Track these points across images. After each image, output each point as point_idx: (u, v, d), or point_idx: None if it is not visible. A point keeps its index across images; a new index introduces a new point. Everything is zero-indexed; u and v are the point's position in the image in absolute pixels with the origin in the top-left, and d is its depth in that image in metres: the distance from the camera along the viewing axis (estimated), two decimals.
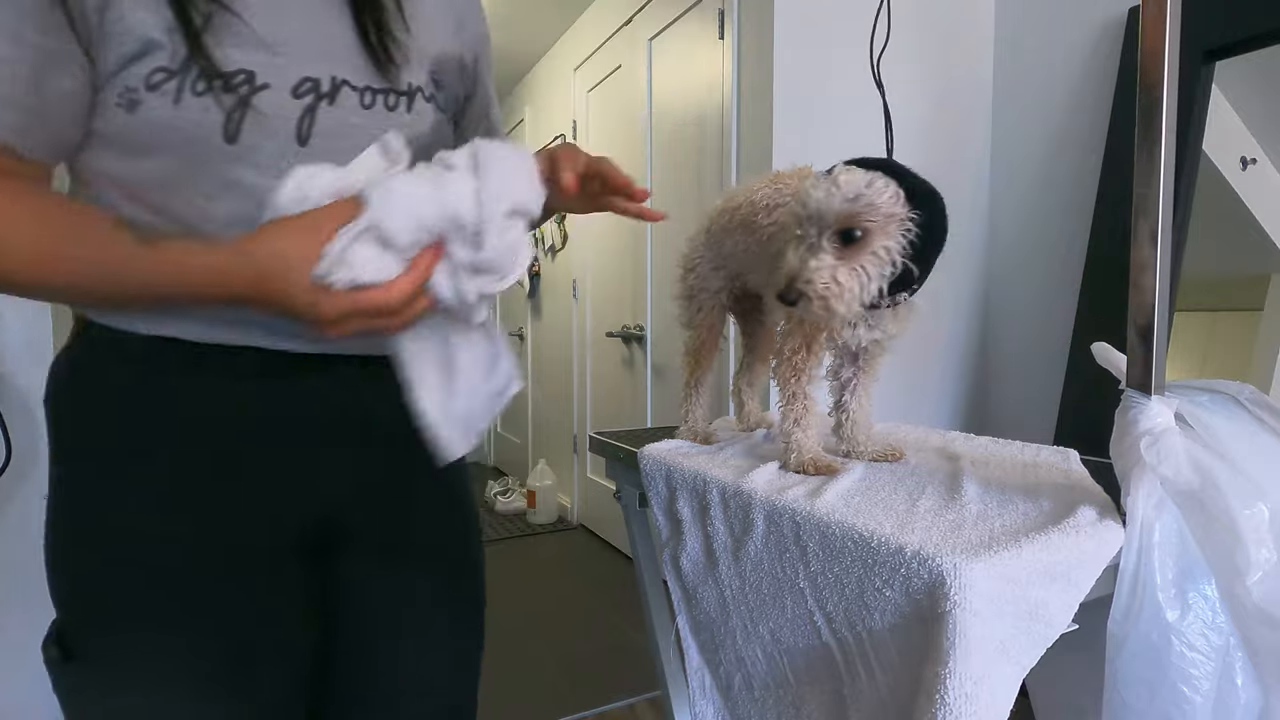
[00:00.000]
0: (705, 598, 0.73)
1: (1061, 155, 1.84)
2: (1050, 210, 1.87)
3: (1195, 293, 1.54)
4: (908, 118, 1.88)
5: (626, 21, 2.59)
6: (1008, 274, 1.99)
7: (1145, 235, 0.56)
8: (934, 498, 0.62)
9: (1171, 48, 0.53)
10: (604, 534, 3.00)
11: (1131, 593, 0.53)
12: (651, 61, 2.47)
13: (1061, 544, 0.51)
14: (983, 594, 0.47)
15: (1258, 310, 1.54)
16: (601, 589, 2.51)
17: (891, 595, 0.51)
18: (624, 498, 0.93)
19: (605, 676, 1.93)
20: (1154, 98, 0.54)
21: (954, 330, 2.01)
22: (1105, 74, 1.71)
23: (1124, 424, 0.57)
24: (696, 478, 0.74)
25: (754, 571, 0.66)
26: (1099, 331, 0.73)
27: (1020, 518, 0.56)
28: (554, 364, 3.49)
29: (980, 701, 0.46)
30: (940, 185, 0.64)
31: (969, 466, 0.74)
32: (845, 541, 0.55)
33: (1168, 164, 0.54)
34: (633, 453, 0.84)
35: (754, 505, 0.65)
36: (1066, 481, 0.68)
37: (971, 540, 0.51)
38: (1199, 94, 1.49)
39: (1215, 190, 1.52)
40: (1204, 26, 1.46)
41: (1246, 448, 0.55)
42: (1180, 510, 0.54)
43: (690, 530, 0.74)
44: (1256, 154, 1.54)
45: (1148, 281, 0.56)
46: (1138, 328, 0.57)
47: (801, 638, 0.61)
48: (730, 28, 1.91)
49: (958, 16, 1.94)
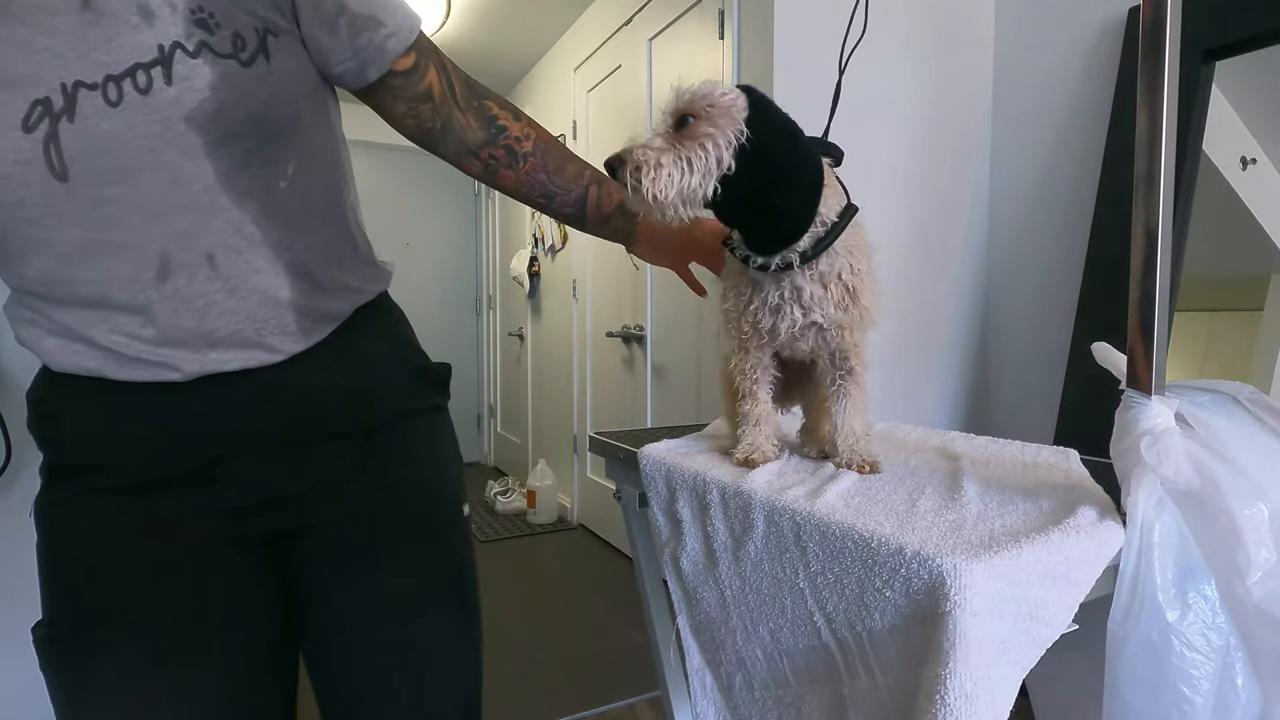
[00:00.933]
0: (705, 598, 0.73)
1: (1061, 155, 1.84)
2: (1050, 210, 1.87)
3: (1195, 293, 1.54)
4: (908, 118, 1.88)
5: (626, 21, 2.59)
6: (1008, 274, 1.99)
7: (1145, 235, 0.56)
8: (934, 498, 0.62)
9: (1171, 48, 0.53)
10: (604, 534, 3.00)
11: (1131, 593, 0.53)
12: (651, 61, 2.47)
13: (1061, 544, 0.51)
14: (982, 594, 0.47)
15: (1258, 310, 1.54)
16: (601, 589, 2.51)
17: (891, 596, 0.51)
18: (624, 498, 0.93)
19: (605, 676, 1.93)
20: (1154, 98, 0.54)
21: (954, 330, 2.01)
22: (1105, 74, 1.71)
23: (1124, 424, 0.57)
24: (696, 478, 0.74)
25: (754, 572, 0.66)
26: (1099, 331, 0.73)
27: (1020, 518, 0.56)
28: (554, 364, 3.49)
29: (980, 702, 0.46)
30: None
31: (969, 466, 0.74)
32: (845, 542, 0.55)
33: (1168, 164, 0.54)
34: (633, 453, 0.84)
35: (754, 505, 0.65)
36: (1066, 481, 0.68)
37: (971, 540, 0.51)
38: (1199, 94, 1.49)
39: (1215, 190, 1.52)
40: (1204, 26, 1.46)
41: (1246, 448, 0.55)
42: (1180, 510, 0.54)
43: (690, 530, 0.74)
44: (1256, 154, 1.54)
45: (1148, 282, 0.56)
46: (1138, 328, 0.57)
47: (801, 638, 0.61)
48: (730, 28, 1.91)
49: (957, 16, 1.94)
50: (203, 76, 0.50)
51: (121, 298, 0.53)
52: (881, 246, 0.72)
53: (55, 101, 0.47)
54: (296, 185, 0.57)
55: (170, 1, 0.49)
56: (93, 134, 0.48)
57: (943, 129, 1.93)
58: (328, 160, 0.62)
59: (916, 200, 1.90)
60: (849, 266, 0.67)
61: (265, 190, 0.55)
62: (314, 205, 0.59)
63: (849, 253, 0.67)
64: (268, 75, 0.53)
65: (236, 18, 0.52)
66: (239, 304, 0.55)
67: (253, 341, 0.56)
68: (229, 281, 0.54)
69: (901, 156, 1.88)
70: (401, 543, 0.67)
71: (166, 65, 0.49)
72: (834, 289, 0.67)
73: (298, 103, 0.56)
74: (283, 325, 0.57)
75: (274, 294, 0.56)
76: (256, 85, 0.52)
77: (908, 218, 1.90)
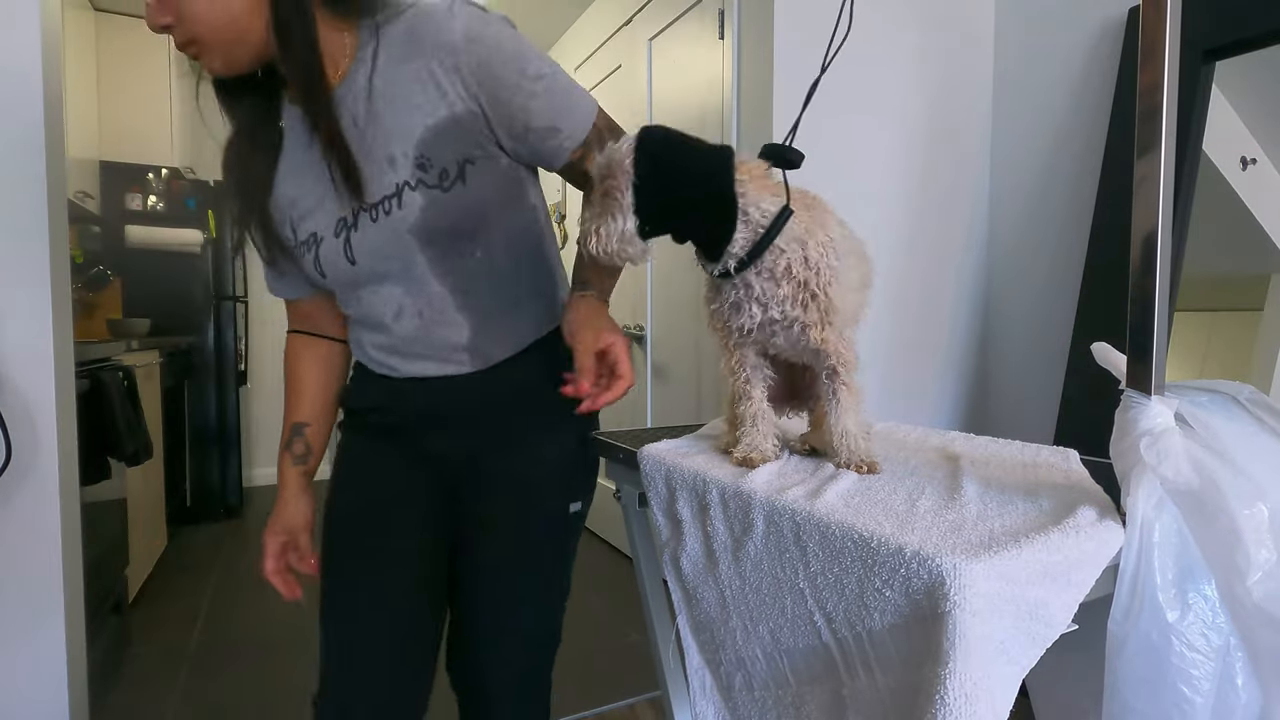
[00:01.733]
0: (705, 598, 0.73)
1: (1061, 155, 1.84)
2: (1050, 210, 1.87)
3: (1195, 293, 1.54)
4: (908, 118, 1.89)
5: (626, 21, 2.59)
6: (1008, 274, 1.99)
7: (1145, 235, 0.56)
8: (934, 498, 0.62)
9: (1171, 48, 0.53)
10: (604, 534, 3.00)
11: (1131, 593, 0.53)
12: (651, 61, 2.47)
13: (1061, 544, 0.51)
14: (982, 594, 0.47)
15: (1258, 310, 1.54)
16: (601, 589, 2.51)
17: (891, 595, 0.51)
18: (624, 498, 0.93)
19: (605, 676, 1.93)
20: (1154, 98, 0.54)
21: (954, 330, 2.01)
22: (1105, 74, 1.71)
23: (1124, 424, 0.57)
24: (696, 478, 0.74)
25: (754, 572, 0.66)
26: (1099, 331, 0.73)
27: (1020, 518, 0.56)
28: None
29: (980, 702, 0.46)
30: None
31: (969, 466, 0.74)
32: (845, 542, 0.55)
33: (1168, 164, 0.54)
34: (632, 453, 0.84)
35: (754, 505, 0.65)
36: (1066, 481, 0.68)
37: (971, 540, 0.51)
38: (1199, 94, 1.49)
39: (1215, 190, 1.52)
40: (1204, 26, 1.46)
41: (1246, 448, 0.55)
42: (1180, 510, 0.54)
43: (690, 530, 0.74)
44: (1256, 154, 1.54)
45: (1148, 281, 0.56)
46: (1137, 328, 0.57)
47: (801, 638, 0.61)
48: (730, 28, 1.91)
49: (958, 17, 1.95)
50: (416, 202, 0.78)
51: (376, 324, 0.86)
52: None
53: (349, 220, 0.80)
54: (484, 262, 0.84)
55: (404, 151, 0.77)
56: (366, 238, 0.80)
57: (943, 129, 1.93)
58: (515, 236, 0.87)
59: (917, 200, 1.90)
60: (802, 260, 0.68)
61: (459, 269, 0.83)
62: (498, 273, 0.86)
63: (801, 246, 0.68)
64: (463, 194, 0.79)
65: (445, 156, 0.77)
66: (432, 342, 0.85)
67: (440, 361, 0.86)
68: (429, 328, 0.85)
69: (901, 157, 1.88)
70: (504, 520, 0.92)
71: (399, 196, 0.78)
72: (785, 285, 0.69)
73: (485, 209, 0.82)
74: (458, 359, 0.86)
75: (454, 340, 0.85)
76: (453, 203, 0.79)
77: (908, 218, 1.90)
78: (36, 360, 1.29)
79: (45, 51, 1.30)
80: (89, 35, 3.12)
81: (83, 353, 1.77)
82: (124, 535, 2.20)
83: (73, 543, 1.37)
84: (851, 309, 0.72)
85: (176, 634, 2.22)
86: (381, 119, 0.77)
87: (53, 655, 1.30)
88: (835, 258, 0.69)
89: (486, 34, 0.74)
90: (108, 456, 1.91)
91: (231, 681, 1.94)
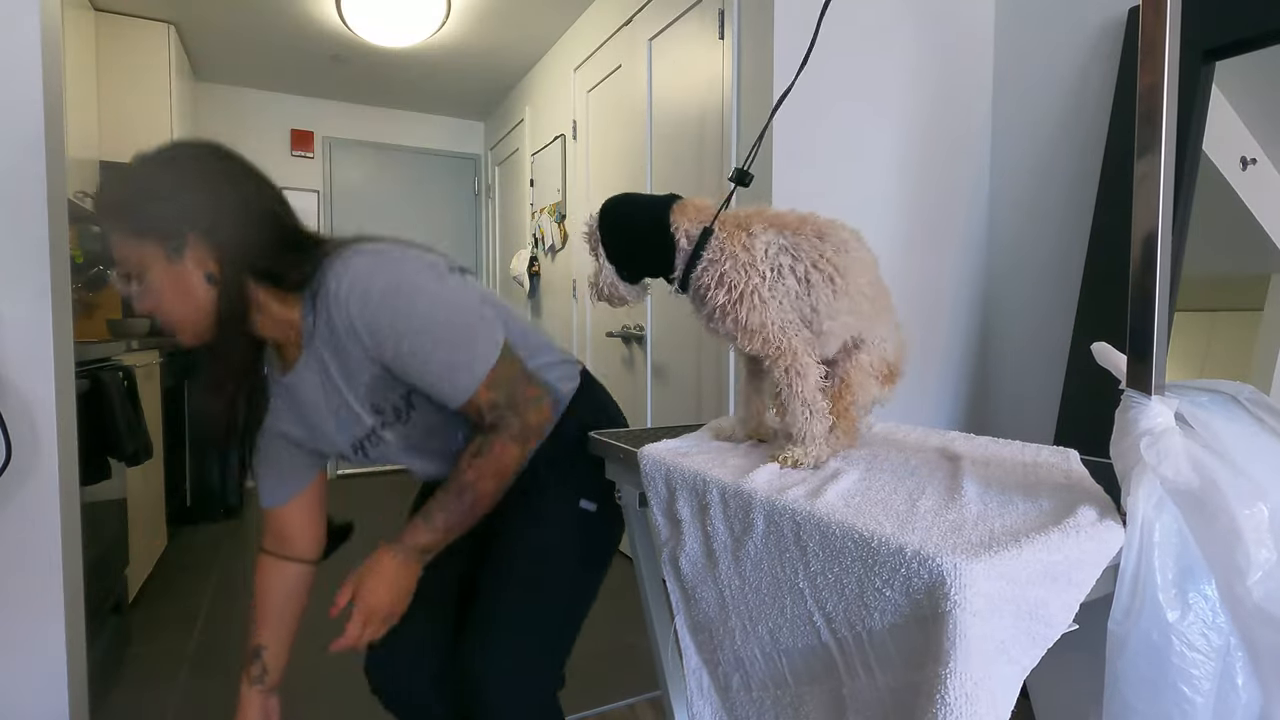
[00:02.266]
0: (704, 598, 0.73)
1: (1061, 155, 1.84)
2: (1050, 210, 1.87)
3: (1195, 293, 1.54)
4: (907, 118, 1.89)
5: (626, 21, 2.59)
6: (1008, 273, 1.99)
7: (1145, 235, 0.56)
8: (934, 498, 0.62)
9: (1171, 48, 0.53)
10: None
11: (1132, 593, 0.53)
12: (651, 61, 2.47)
13: (1061, 544, 0.51)
14: (983, 594, 0.47)
15: (1258, 310, 1.53)
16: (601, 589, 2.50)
17: (891, 595, 0.51)
18: (624, 498, 0.93)
19: (605, 676, 1.93)
20: (1154, 98, 0.54)
21: (954, 330, 2.01)
22: (1105, 74, 1.71)
23: (1124, 424, 0.57)
24: (696, 478, 0.74)
25: (753, 571, 0.66)
26: (1099, 331, 0.73)
27: (1020, 518, 0.56)
28: None
29: (980, 702, 0.46)
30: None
31: (969, 466, 0.74)
32: (845, 541, 0.55)
33: (1168, 164, 0.54)
34: (632, 453, 0.84)
35: (754, 505, 0.65)
36: (1066, 481, 0.68)
37: (971, 540, 0.51)
38: (1199, 94, 1.49)
39: (1215, 190, 1.52)
40: (1204, 26, 1.46)
41: (1246, 448, 0.55)
42: (1180, 510, 0.54)
43: (690, 530, 0.74)
44: (1256, 154, 1.53)
45: (1148, 281, 0.56)
46: (1137, 328, 0.57)
47: (801, 638, 0.61)
48: (730, 28, 1.91)
49: (958, 17, 1.95)
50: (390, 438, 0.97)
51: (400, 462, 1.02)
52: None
53: (359, 445, 0.98)
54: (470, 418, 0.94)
55: (360, 403, 0.93)
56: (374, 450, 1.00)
57: (942, 129, 1.93)
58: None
59: (916, 201, 1.90)
60: (718, 276, 0.78)
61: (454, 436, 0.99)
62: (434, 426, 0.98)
63: (718, 266, 0.78)
64: (421, 416, 0.96)
65: (390, 399, 0.93)
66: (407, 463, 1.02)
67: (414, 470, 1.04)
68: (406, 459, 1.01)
69: (901, 156, 1.88)
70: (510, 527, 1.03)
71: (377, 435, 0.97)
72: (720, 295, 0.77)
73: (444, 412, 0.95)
74: (426, 472, 1.03)
75: (413, 469, 1.03)
76: (415, 426, 0.96)
77: (907, 218, 1.90)
78: (36, 360, 1.29)
79: (45, 51, 1.30)
80: (89, 35, 3.12)
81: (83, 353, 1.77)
82: (124, 535, 2.20)
83: (73, 543, 1.37)
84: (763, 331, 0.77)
85: (176, 634, 2.22)
86: (336, 380, 0.91)
87: (53, 655, 1.30)
88: (757, 275, 0.76)
89: (366, 314, 0.84)
90: (108, 456, 1.91)
91: (231, 681, 1.93)
